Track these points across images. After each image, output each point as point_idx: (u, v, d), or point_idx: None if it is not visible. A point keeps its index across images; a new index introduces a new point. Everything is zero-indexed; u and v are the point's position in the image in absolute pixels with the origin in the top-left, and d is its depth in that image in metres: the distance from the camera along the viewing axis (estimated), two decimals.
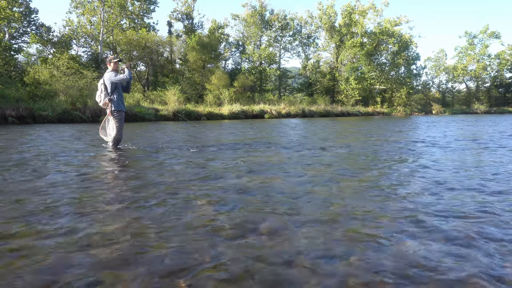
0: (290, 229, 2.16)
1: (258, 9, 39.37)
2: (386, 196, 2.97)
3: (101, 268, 1.66)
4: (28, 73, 19.79)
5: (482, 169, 4.22)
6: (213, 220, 2.33)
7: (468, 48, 50.44)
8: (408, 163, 4.75)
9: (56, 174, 3.85)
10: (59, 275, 1.59)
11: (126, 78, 5.98)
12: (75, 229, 2.15)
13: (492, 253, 1.82)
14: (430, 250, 1.86)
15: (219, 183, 3.42)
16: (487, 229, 2.17)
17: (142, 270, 1.64)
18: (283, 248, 1.88)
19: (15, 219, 2.32)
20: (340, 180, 3.58)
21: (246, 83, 32.73)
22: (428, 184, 3.39)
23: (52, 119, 16.23)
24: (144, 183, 3.45)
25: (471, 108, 47.36)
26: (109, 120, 6.23)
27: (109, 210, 2.55)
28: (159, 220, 2.32)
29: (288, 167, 4.37)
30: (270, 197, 2.91)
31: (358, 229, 2.16)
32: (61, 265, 1.69)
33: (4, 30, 26.51)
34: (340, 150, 6.12)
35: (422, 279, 1.57)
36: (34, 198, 2.86)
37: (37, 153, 5.64)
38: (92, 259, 1.74)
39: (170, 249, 1.86)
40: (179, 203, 2.72)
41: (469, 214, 2.46)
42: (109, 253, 1.81)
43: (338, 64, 42.32)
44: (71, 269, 1.65)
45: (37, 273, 1.61)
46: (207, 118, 22.91)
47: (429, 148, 6.47)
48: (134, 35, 30.18)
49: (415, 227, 2.19)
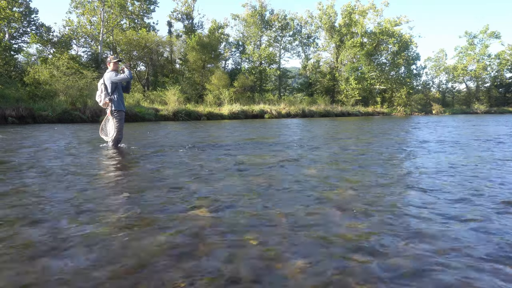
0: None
1: (258, 9, 39.39)
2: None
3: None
4: (28, 73, 19.80)
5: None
6: (214, 220, 2.33)
7: (468, 48, 50.45)
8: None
9: (58, 174, 3.85)
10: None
11: (127, 78, 5.99)
12: (62, 232, 2.15)
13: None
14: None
15: (220, 182, 3.42)
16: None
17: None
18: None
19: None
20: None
21: (246, 83, 32.74)
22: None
23: (52, 119, 16.24)
24: (146, 183, 3.45)
25: (471, 108, 47.35)
26: (108, 120, 6.23)
27: (110, 209, 2.55)
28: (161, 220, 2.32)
29: (292, 166, 4.37)
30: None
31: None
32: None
33: (4, 30, 26.52)
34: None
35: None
36: (33, 198, 2.85)
37: (38, 153, 5.64)
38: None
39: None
40: (180, 203, 2.71)
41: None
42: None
43: (338, 64, 42.33)
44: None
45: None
46: (207, 118, 22.91)
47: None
48: (134, 35, 30.19)
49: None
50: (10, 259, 1.75)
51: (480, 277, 1.60)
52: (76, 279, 1.56)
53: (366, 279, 1.56)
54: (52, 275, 1.59)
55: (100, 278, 1.56)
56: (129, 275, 1.59)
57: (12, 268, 1.66)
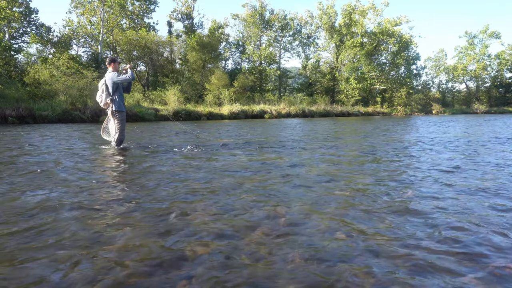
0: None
1: (258, 9, 39.39)
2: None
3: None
4: (28, 73, 19.79)
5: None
6: (217, 220, 2.33)
7: (468, 48, 50.43)
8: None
9: (63, 174, 3.84)
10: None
11: (129, 79, 6.00)
12: (65, 229, 2.14)
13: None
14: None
15: (220, 182, 3.41)
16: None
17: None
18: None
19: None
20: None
21: (246, 83, 32.73)
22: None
23: (52, 119, 16.23)
24: (150, 183, 3.44)
25: (471, 108, 47.32)
26: (109, 120, 6.22)
27: (114, 210, 2.54)
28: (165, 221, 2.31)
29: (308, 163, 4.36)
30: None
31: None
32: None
33: (4, 30, 26.50)
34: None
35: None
36: (35, 199, 2.85)
37: (41, 153, 5.63)
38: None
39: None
40: (183, 202, 2.71)
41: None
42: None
43: (338, 64, 42.32)
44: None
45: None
46: (207, 118, 22.91)
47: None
48: (134, 35, 30.18)
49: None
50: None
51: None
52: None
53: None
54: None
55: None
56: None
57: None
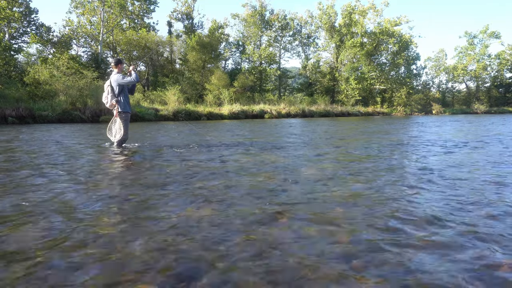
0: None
1: (258, 9, 39.40)
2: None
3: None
4: (28, 73, 19.80)
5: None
6: (222, 219, 2.33)
7: (468, 48, 50.45)
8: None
9: (65, 174, 3.84)
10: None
11: (133, 81, 6.16)
12: (65, 230, 2.15)
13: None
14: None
15: (221, 181, 3.41)
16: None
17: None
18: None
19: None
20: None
21: (246, 83, 32.73)
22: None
23: (52, 119, 16.24)
24: (151, 182, 3.45)
25: (471, 108, 47.32)
26: (115, 121, 6.33)
27: (117, 208, 2.55)
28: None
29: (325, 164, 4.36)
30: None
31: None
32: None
33: (4, 30, 26.52)
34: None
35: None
36: (35, 195, 2.85)
37: (43, 153, 5.64)
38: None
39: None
40: (184, 203, 2.71)
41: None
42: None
43: (338, 64, 42.33)
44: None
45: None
46: (207, 118, 22.92)
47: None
48: (134, 35, 30.18)
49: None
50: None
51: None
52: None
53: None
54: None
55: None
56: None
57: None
